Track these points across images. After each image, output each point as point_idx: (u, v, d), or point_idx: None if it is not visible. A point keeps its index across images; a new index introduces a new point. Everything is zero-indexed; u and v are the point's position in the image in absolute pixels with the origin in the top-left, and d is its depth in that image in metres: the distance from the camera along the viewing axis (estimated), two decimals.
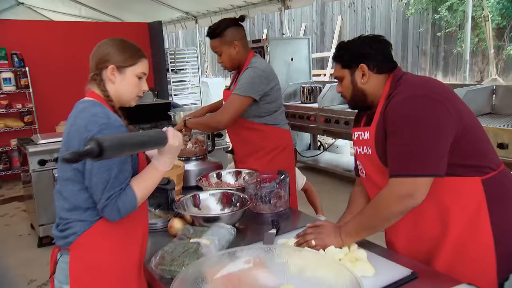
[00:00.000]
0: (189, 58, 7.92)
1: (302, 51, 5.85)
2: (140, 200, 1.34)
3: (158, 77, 6.59)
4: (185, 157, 2.32)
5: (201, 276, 1.15)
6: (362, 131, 1.54)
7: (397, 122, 1.36)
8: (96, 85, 1.42)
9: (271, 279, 1.19)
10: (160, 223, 1.80)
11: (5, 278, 3.27)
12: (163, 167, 1.37)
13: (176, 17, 7.79)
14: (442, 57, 7.64)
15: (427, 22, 7.73)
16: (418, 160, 1.32)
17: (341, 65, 1.55)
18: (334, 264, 1.20)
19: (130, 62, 1.42)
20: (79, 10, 8.26)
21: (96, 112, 1.34)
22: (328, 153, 5.90)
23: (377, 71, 1.50)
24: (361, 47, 1.52)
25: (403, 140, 1.34)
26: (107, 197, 1.28)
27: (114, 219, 1.31)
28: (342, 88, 1.58)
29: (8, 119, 5.71)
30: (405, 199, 1.33)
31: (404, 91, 1.40)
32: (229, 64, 2.33)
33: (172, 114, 3.83)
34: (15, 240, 3.97)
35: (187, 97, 7.78)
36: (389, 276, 1.31)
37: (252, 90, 2.19)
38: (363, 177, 1.62)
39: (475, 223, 1.38)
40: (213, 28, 2.27)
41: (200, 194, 1.90)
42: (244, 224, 1.81)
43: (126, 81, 1.43)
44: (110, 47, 1.41)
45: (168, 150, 1.34)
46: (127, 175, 1.34)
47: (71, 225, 1.35)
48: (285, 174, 1.95)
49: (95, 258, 1.36)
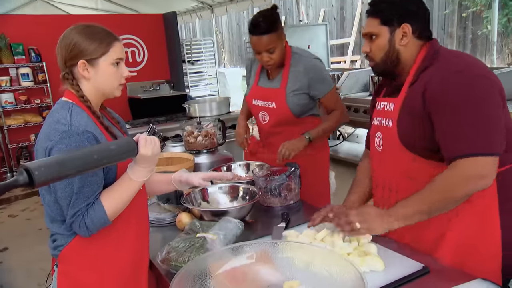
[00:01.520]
0: (205, 49, 7.94)
1: (320, 38, 5.80)
2: (111, 215, 1.24)
3: (174, 68, 6.64)
4: (195, 150, 2.34)
5: (203, 271, 1.16)
6: (388, 101, 1.48)
7: (455, 99, 1.27)
8: (69, 84, 1.30)
9: (275, 275, 1.20)
10: (169, 217, 1.82)
11: (25, 271, 3.39)
12: (137, 177, 1.25)
13: (191, 7, 7.82)
14: (470, 39, 7.41)
15: (453, 3, 7.51)
16: (486, 139, 1.25)
17: (380, 20, 1.41)
18: (340, 260, 1.20)
19: (101, 51, 1.28)
20: (96, 3, 8.38)
21: (59, 118, 1.23)
22: (348, 143, 5.86)
23: (418, 35, 1.41)
24: (407, 3, 1.41)
25: (467, 118, 1.26)
26: (72, 213, 1.20)
27: (84, 235, 1.23)
28: (372, 48, 1.45)
29: (27, 114, 5.87)
30: (476, 180, 1.26)
31: (451, 63, 1.32)
32: (279, 61, 2.14)
33: (187, 106, 3.86)
34: (35, 234, 4.10)
35: (204, 88, 7.82)
36: (399, 270, 1.30)
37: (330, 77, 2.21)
38: (378, 151, 1.54)
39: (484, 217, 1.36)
40: (267, 22, 2.04)
41: (208, 188, 1.92)
42: (254, 218, 1.82)
43: (101, 73, 1.30)
44: (75, 38, 1.27)
45: (141, 159, 1.23)
46: (95, 188, 1.22)
47: (55, 237, 1.31)
48: (295, 166, 1.95)
49: (80, 274, 1.30)
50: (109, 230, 1.28)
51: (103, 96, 1.36)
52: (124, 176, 1.27)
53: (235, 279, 1.19)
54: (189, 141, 2.38)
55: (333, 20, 9.36)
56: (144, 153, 1.21)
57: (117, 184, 1.27)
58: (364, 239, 1.45)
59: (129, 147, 1.19)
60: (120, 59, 1.33)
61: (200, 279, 1.14)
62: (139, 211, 1.41)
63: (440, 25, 7.76)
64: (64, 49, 1.28)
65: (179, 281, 1.08)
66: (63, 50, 1.29)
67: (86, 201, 1.21)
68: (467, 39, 7.45)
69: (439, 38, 7.82)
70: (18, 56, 5.65)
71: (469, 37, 7.42)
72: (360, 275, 1.04)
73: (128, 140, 1.20)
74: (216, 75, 8.00)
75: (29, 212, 4.74)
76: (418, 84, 1.38)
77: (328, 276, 1.14)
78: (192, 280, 1.12)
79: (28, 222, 4.46)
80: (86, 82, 1.30)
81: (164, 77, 6.49)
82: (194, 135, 2.36)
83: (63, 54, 1.29)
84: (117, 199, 1.25)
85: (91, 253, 1.30)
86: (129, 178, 1.26)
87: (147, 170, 1.26)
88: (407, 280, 1.26)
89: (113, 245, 1.33)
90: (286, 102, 2.16)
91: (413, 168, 1.42)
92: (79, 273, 1.29)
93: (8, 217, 4.65)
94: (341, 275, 1.11)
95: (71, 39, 1.27)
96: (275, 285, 1.16)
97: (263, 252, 1.24)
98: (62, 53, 1.29)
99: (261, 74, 2.30)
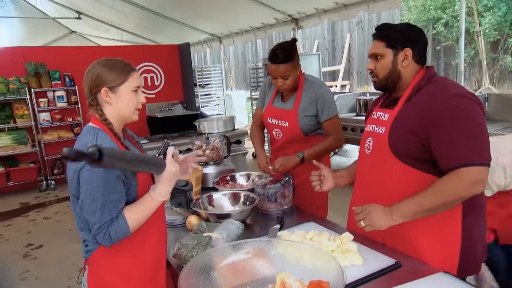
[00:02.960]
0: (214, 74, 8.02)
1: (314, 66, 5.86)
2: (132, 228, 1.25)
3: (187, 91, 6.71)
4: (204, 162, 2.37)
5: (208, 264, 1.18)
6: (383, 112, 1.49)
7: (458, 115, 1.28)
8: (94, 110, 1.32)
9: (269, 268, 1.21)
10: (180, 219, 1.84)
11: (58, 267, 3.40)
12: (158, 196, 1.27)
13: (203, 38, 7.92)
14: (442, 68, 7.48)
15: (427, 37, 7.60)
16: (482, 151, 1.28)
17: (386, 43, 1.43)
18: (325, 255, 1.21)
19: (121, 80, 1.30)
20: (121, 36, 8.51)
21: (86, 142, 1.24)
22: (338, 157, 5.87)
23: (416, 59, 1.43)
24: (410, 32, 1.43)
25: (466, 134, 1.27)
26: (97, 227, 1.21)
27: (106, 245, 1.23)
28: (377, 66, 1.46)
29: (61, 131, 5.94)
30: (476, 186, 1.27)
31: (448, 88, 1.34)
32: (292, 86, 2.13)
33: (197, 123, 3.90)
34: (66, 234, 4.12)
35: (213, 109, 7.87)
36: (375, 265, 1.32)
37: (336, 106, 2.17)
38: (367, 154, 1.54)
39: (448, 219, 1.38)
40: (284, 53, 2.04)
41: (214, 194, 1.94)
42: (253, 220, 1.84)
43: (122, 99, 1.31)
44: (98, 69, 1.30)
45: (165, 176, 1.25)
46: (117, 204, 1.23)
47: (86, 243, 1.32)
48: (289, 177, 1.97)
49: (107, 274, 1.31)
50: (132, 238, 1.29)
51: (123, 120, 1.36)
52: (146, 195, 1.28)
53: (235, 271, 1.21)
54: (198, 154, 2.40)
55: (325, 50, 9.46)
56: (170, 169, 1.25)
57: (139, 201, 1.28)
58: (347, 239, 1.48)
59: (159, 162, 1.24)
60: (138, 86, 1.34)
61: (205, 271, 1.15)
62: (158, 219, 1.41)
63: None
64: (89, 80, 1.30)
65: (187, 273, 1.10)
66: (88, 81, 1.31)
67: (110, 216, 1.21)
68: (440, 69, 7.51)
69: None
70: (55, 81, 5.75)
71: (442, 66, 7.49)
72: (341, 269, 1.06)
73: (159, 158, 1.25)
74: (223, 97, 8.05)
75: (61, 215, 4.75)
76: (413, 102, 1.39)
77: (314, 269, 1.16)
78: (198, 271, 1.14)
79: (60, 224, 4.47)
80: (109, 107, 1.32)
81: (178, 98, 6.56)
82: (203, 148, 2.38)
83: (89, 84, 1.31)
84: (138, 214, 1.26)
85: (117, 257, 1.31)
86: (151, 197, 1.27)
87: (167, 190, 1.28)
88: (381, 273, 1.28)
89: (136, 250, 1.34)
90: (298, 122, 2.15)
91: (396, 172, 1.41)
92: (106, 274, 1.31)
93: (43, 219, 4.67)
94: (325, 269, 1.12)
95: (95, 71, 1.30)
96: (269, 276, 1.17)
97: (259, 249, 1.25)
98: (87, 83, 1.31)
99: (277, 95, 2.28)
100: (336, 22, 8.86)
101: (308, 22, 5.79)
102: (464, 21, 4.14)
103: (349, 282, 1.22)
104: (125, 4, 6.40)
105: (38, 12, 7.95)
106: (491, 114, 3.75)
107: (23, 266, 3.47)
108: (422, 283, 1.21)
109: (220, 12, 6.07)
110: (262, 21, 6.26)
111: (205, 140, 2.41)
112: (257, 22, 6.35)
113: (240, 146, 4.35)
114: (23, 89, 5.44)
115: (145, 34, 8.20)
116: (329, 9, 5.24)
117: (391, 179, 1.43)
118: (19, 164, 5.73)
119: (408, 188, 1.36)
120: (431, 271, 1.27)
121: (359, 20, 8.59)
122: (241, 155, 4.27)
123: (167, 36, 7.78)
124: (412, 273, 1.27)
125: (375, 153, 1.49)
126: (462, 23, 4.18)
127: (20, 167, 5.69)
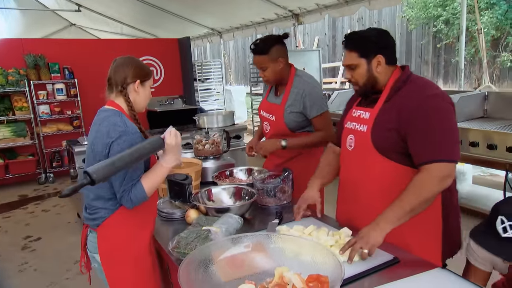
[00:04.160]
0: (214, 69, 8.00)
1: (314, 62, 5.85)
2: (149, 192, 1.46)
3: (186, 85, 6.70)
4: (203, 156, 2.37)
5: (207, 257, 1.18)
6: (364, 110, 1.55)
7: (431, 114, 1.36)
8: (122, 97, 1.52)
9: (268, 262, 1.21)
10: (179, 213, 1.84)
11: (56, 259, 3.41)
12: (166, 163, 1.48)
13: (203, 33, 7.89)
14: (443, 66, 7.48)
15: (428, 34, 7.59)
16: (455, 148, 1.36)
17: (358, 54, 1.48)
18: (323, 250, 1.22)
19: (148, 77, 1.57)
20: (121, 29, 8.47)
21: (116, 121, 1.45)
22: None
23: (388, 62, 1.50)
24: (379, 39, 1.49)
25: (437, 132, 1.35)
26: (122, 190, 1.44)
27: (129, 207, 1.46)
28: (355, 76, 1.52)
29: (60, 124, 5.93)
30: (446, 180, 1.35)
31: (424, 88, 1.42)
32: (273, 79, 2.18)
33: (196, 118, 3.90)
34: (64, 227, 4.13)
35: (212, 103, 7.86)
36: (373, 260, 1.32)
37: (326, 103, 2.17)
38: (349, 151, 1.60)
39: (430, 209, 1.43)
40: (260, 45, 2.12)
41: (213, 188, 1.94)
42: (252, 215, 1.84)
43: (145, 92, 1.58)
44: (133, 64, 1.53)
45: (169, 149, 1.46)
46: (138, 173, 1.46)
47: (97, 211, 1.51)
48: (289, 171, 1.97)
49: (117, 238, 1.52)
50: (138, 210, 1.50)
51: (137, 110, 1.58)
52: (157, 164, 1.50)
53: (234, 265, 1.21)
54: (198, 148, 2.40)
55: (326, 46, 9.44)
56: (169, 143, 1.44)
57: (152, 170, 1.49)
58: (345, 234, 1.48)
59: (158, 143, 1.42)
60: (151, 85, 1.61)
61: (204, 264, 1.15)
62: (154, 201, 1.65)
63: (417, 54, 7.83)
64: (124, 71, 1.51)
65: (186, 266, 1.10)
66: (121, 72, 1.51)
67: (132, 182, 1.43)
68: (440, 66, 7.51)
69: (416, 64, 7.88)
70: (54, 73, 5.72)
71: (442, 64, 7.49)
72: (339, 264, 1.07)
73: (156, 138, 1.42)
74: (223, 92, 8.04)
75: (60, 208, 4.76)
76: (393, 102, 1.46)
77: (313, 264, 1.16)
78: (197, 265, 1.14)
79: (58, 216, 4.48)
80: (134, 97, 1.54)
81: (178, 93, 6.54)
82: (202, 143, 2.38)
83: (122, 74, 1.50)
84: (152, 180, 1.47)
85: (126, 223, 1.52)
86: (160, 165, 1.48)
87: (174, 158, 1.48)
88: (379, 268, 1.29)
89: (141, 219, 1.56)
90: (283, 117, 2.18)
91: (378, 166, 1.49)
92: (116, 237, 1.51)
93: (42, 212, 4.67)
94: (323, 263, 1.13)
95: (130, 65, 1.52)
96: (268, 270, 1.17)
97: (258, 243, 1.25)
98: (121, 74, 1.51)
99: (272, 89, 2.34)
100: (337, 18, 8.83)
101: (309, 18, 5.78)
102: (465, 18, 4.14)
103: (347, 276, 1.22)
104: None
105: (38, 4, 7.90)
106: (490, 112, 3.75)
107: (22, 258, 3.48)
108: (420, 278, 1.22)
109: (220, 6, 6.04)
110: (262, 16, 6.24)
111: (205, 134, 2.40)
112: (258, 17, 6.33)
113: (240, 141, 4.35)
114: (22, 81, 5.42)
115: (145, 27, 8.16)
116: (330, 5, 5.22)
117: (374, 173, 1.50)
118: (18, 156, 5.73)
119: (390, 180, 1.46)
120: (429, 267, 1.28)
121: (360, 16, 8.57)
122: (241, 150, 4.27)
123: (167, 30, 7.75)
124: (410, 269, 1.27)
125: (358, 149, 1.55)
126: (463, 21, 4.18)
127: (19, 159, 5.68)
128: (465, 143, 3.25)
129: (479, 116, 3.75)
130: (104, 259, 1.52)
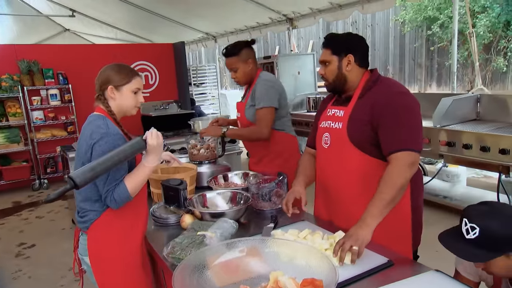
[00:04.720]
0: (209, 73, 8.02)
1: (308, 66, 5.87)
2: (132, 192, 1.49)
3: (181, 90, 6.69)
4: (198, 160, 2.37)
5: (202, 262, 1.18)
6: (338, 109, 1.67)
7: (399, 109, 1.50)
8: (101, 103, 1.58)
9: (263, 266, 1.22)
10: (174, 218, 1.83)
11: (50, 266, 3.38)
12: (148, 163, 1.50)
13: (198, 37, 7.91)
14: (436, 69, 7.54)
15: (421, 38, 7.65)
16: (416, 139, 1.49)
17: (331, 51, 1.62)
18: (318, 254, 1.22)
19: (125, 81, 1.57)
20: (115, 34, 8.47)
21: (99, 124, 1.51)
22: None
23: (359, 64, 1.62)
24: (351, 40, 1.63)
25: (404, 124, 1.48)
26: (106, 190, 1.47)
27: (114, 207, 1.49)
28: (326, 71, 1.65)
29: (54, 129, 5.90)
30: (413, 167, 1.46)
31: (392, 87, 1.58)
32: (243, 79, 2.40)
33: (191, 122, 3.89)
34: (59, 233, 4.10)
35: (207, 108, 7.87)
36: (368, 263, 1.33)
37: (272, 100, 2.31)
38: (325, 148, 1.70)
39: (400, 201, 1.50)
40: (231, 48, 2.35)
41: (208, 193, 1.94)
42: (247, 219, 1.84)
43: (124, 96, 1.58)
44: (108, 71, 1.58)
45: (151, 150, 1.48)
46: (122, 172, 1.49)
47: (87, 213, 1.55)
48: (284, 175, 1.98)
49: (106, 240, 1.54)
50: (128, 210, 1.54)
51: (122, 113, 1.62)
52: (140, 164, 1.52)
53: (229, 269, 1.21)
54: (193, 153, 2.40)
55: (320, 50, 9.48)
56: (151, 143, 1.46)
57: (135, 170, 1.52)
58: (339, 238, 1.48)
59: (139, 145, 1.44)
60: (138, 89, 1.61)
61: (199, 269, 1.16)
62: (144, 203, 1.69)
63: (411, 57, 7.88)
64: (101, 78, 1.58)
65: (181, 271, 1.11)
66: (99, 79, 1.58)
67: (115, 182, 1.46)
68: (433, 69, 7.57)
69: (409, 67, 7.94)
70: (48, 79, 5.70)
71: (435, 67, 7.54)
72: (334, 267, 1.07)
73: (137, 140, 1.45)
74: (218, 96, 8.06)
75: (54, 214, 4.73)
76: (366, 99, 1.58)
77: (307, 268, 1.16)
78: (192, 270, 1.14)
79: (52, 223, 4.45)
80: (113, 102, 1.59)
81: (173, 97, 6.53)
82: (198, 148, 2.39)
83: (100, 81, 1.58)
84: (135, 179, 1.50)
85: (114, 225, 1.55)
86: (143, 165, 1.50)
87: (156, 158, 1.51)
88: (374, 271, 1.29)
89: (130, 220, 1.59)
90: (245, 113, 2.41)
91: (354, 160, 1.59)
92: (105, 239, 1.54)
93: (36, 218, 4.64)
94: (318, 267, 1.13)
95: (106, 71, 1.58)
96: (263, 274, 1.18)
97: (253, 247, 1.26)
98: (99, 80, 1.58)
99: (246, 91, 2.52)
100: (331, 22, 8.87)
101: (303, 22, 5.81)
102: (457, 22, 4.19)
103: (341, 280, 1.23)
104: (120, 2, 6.36)
105: (31, 10, 7.88)
106: (483, 115, 3.78)
107: (16, 265, 3.45)
108: (414, 281, 1.22)
109: (215, 11, 6.06)
110: (257, 21, 6.27)
111: (200, 139, 2.41)
112: (252, 22, 6.36)
113: (235, 145, 4.36)
114: (15, 87, 5.40)
115: (140, 32, 8.16)
116: (324, 9, 5.26)
117: (350, 167, 1.60)
118: (12, 162, 5.69)
119: (364, 172, 1.57)
120: (423, 270, 1.29)
121: (354, 20, 8.62)
122: (236, 154, 4.27)
123: (161, 35, 7.75)
124: (404, 272, 1.28)
125: (334, 145, 1.65)
126: (455, 24, 4.23)
127: (12, 165, 5.64)
128: (458, 145, 3.28)
129: (472, 119, 3.78)
130: (93, 262, 1.54)
